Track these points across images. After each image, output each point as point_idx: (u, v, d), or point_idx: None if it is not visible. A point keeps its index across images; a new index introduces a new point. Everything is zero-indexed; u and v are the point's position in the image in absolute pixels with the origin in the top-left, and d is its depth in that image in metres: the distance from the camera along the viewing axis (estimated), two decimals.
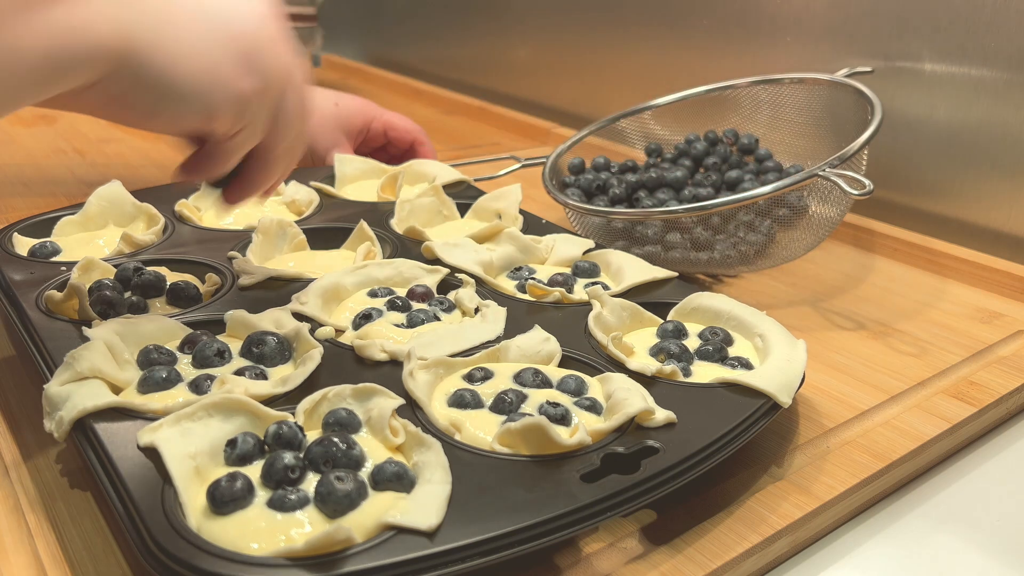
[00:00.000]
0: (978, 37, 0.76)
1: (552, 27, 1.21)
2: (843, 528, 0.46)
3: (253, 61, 0.44)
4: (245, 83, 0.44)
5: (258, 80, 0.45)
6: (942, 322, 0.65)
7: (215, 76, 0.43)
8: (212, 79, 0.43)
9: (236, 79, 0.44)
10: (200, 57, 0.43)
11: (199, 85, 0.43)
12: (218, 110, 0.44)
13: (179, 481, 0.37)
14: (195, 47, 0.42)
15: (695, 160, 0.81)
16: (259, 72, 0.45)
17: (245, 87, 0.44)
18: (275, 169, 0.51)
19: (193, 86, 0.43)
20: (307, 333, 0.49)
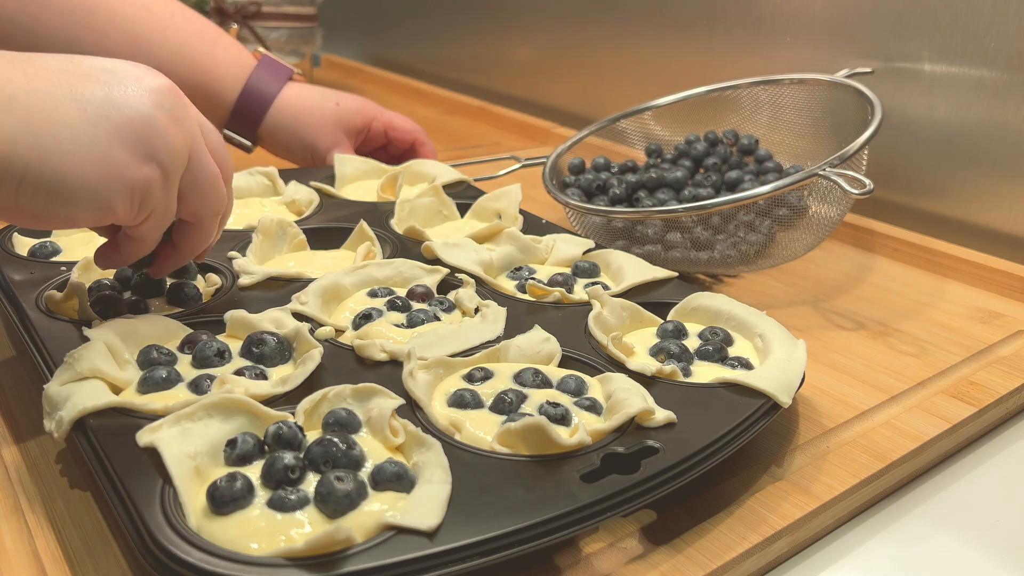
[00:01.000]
0: (978, 37, 0.76)
1: (552, 27, 1.21)
2: (843, 528, 0.46)
3: (147, 147, 0.42)
4: (140, 173, 0.42)
5: (154, 167, 0.43)
6: (942, 322, 0.65)
7: (106, 171, 0.41)
8: (103, 175, 0.41)
9: (130, 170, 0.42)
10: (87, 154, 0.40)
11: (89, 183, 0.41)
12: (114, 204, 0.42)
13: (179, 481, 0.37)
14: (80, 141, 0.40)
15: (695, 160, 0.81)
16: (155, 158, 0.43)
17: (140, 177, 0.42)
18: (203, 237, 0.50)
19: (83, 185, 0.40)
20: (307, 333, 0.49)
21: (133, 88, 0.43)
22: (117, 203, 0.42)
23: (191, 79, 0.80)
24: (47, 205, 0.40)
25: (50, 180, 0.40)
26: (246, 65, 0.83)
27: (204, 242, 0.50)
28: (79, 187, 0.40)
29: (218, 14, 1.23)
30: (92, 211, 0.42)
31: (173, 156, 0.44)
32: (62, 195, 0.40)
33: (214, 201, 0.48)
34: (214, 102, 0.82)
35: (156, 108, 0.43)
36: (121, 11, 0.76)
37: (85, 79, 0.42)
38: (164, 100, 0.44)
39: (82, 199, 0.41)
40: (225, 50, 0.82)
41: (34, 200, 0.40)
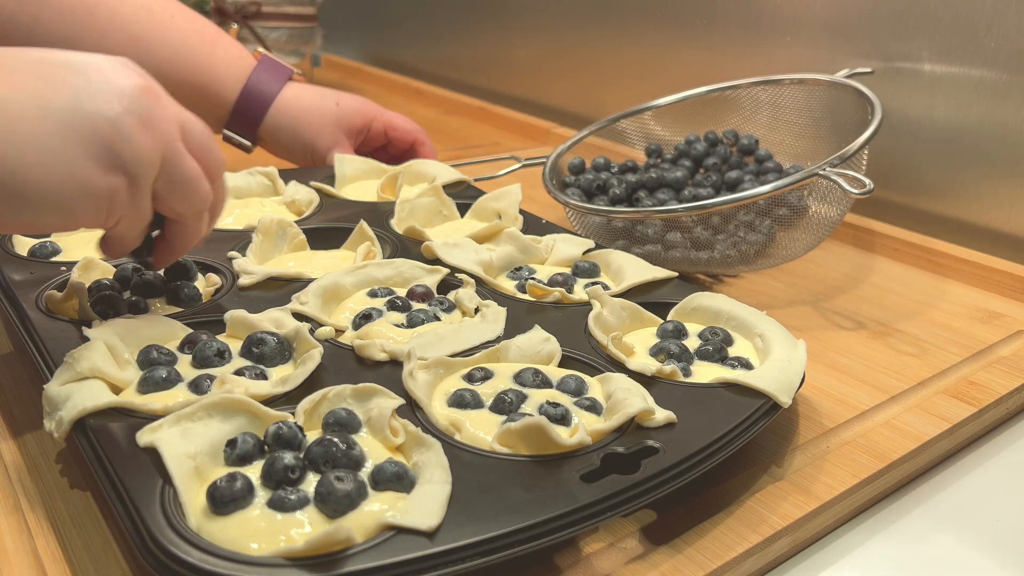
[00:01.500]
0: (978, 37, 0.76)
1: (552, 27, 1.21)
2: (843, 528, 0.46)
3: (113, 155, 0.42)
4: (105, 182, 0.42)
5: (120, 175, 0.42)
6: (942, 322, 0.65)
7: (70, 182, 0.41)
8: (66, 185, 0.41)
9: (94, 181, 0.41)
10: (49, 163, 0.40)
11: (52, 194, 0.40)
12: (78, 213, 0.42)
13: (179, 481, 0.37)
14: (42, 152, 0.40)
15: (695, 160, 0.81)
16: (121, 166, 0.42)
17: (104, 186, 0.42)
18: (194, 231, 0.49)
19: (46, 195, 0.40)
20: (307, 333, 0.49)
21: (103, 92, 0.42)
22: (81, 212, 0.42)
23: (191, 79, 0.80)
24: (10, 212, 0.40)
25: (13, 190, 0.39)
26: (246, 65, 0.83)
27: (194, 237, 0.50)
28: (41, 197, 0.40)
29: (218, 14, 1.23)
30: (56, 218, 0.42)
31: (141, 163, 0.43)
32: (24, 204, 0.40)
33: (194, 200, 0.47)
34: (214, 102, 0.82)
35: (125, 113, 0.42)
36: (121, 11, 0.76)
37: (54, 84, 0.41)
38: (134, 103, 0.43)
39: (44, 208, 0.41)
40: (225, 50, 0.82)
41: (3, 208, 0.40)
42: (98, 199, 0.42)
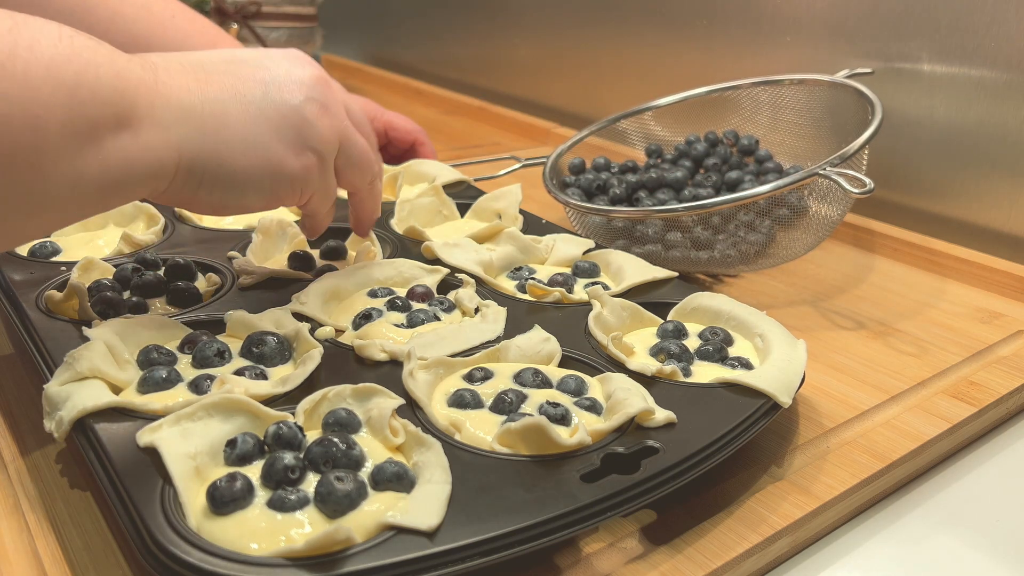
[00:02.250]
0: (978, 37, 0.76)
1: (552, 27, 1.21)
2: (843, 528, 0.46)
3: (304, 137, 0.47)
4: (298, 163, 0.47)
5: (310, 156, 0.48)
6: (942, 322, 0.65)
7: (268, 164, 0.46)
8: (267, 169, 0.46)
9: (289, 162, 0.47)
10: (252, 151, 0.45)
11: (255, 177, 0.46)
12: (279, 193, 0.48)
13: (179, 481, 0.37)
14: (246, 142, 0.45)
15: (695, 161, 0.81)
16: (309, 147, 0.47)
17: (299, 166, 0.47)
18: (369, 200, 0.56)
19: (251, 179, 0.46)
20: (307, 333, 0.49)
21: (286, 83, 0.47)
22: (281, 192, 0.48)
23: None
24: (223, 198, 0.46)
25: (225, 178, 0.45)
26: None
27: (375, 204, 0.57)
28: (248, 182, 0.45)
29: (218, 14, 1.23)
30: (261, 200, 0.47)
31: (325, 144, 0.48)
32: (235, 189, 0.45)
33: (368, 171, 0.53)
34: None
35: (307, 101, 0.47)
36: (121, 11, 0.76)
37: (246, 80, 0.46)
38: (313, 91, 0.48)
39: (251, 191, 0.46)
40: None
41: (212, 195, 0.45)
42: (294, 179, 0.47)
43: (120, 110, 0.40)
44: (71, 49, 0.38)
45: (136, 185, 0.42)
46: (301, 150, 0.47)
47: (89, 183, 0.39)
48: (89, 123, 0.38)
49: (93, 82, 0.39)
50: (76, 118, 0.38)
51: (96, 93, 0.39)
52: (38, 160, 0.37)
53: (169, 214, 0.68)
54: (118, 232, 0.65)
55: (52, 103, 0.37)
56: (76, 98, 0.38)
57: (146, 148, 0.41)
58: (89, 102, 0.38)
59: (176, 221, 0.68)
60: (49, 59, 0.37)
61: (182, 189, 0.44)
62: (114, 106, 0.39)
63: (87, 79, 0.38)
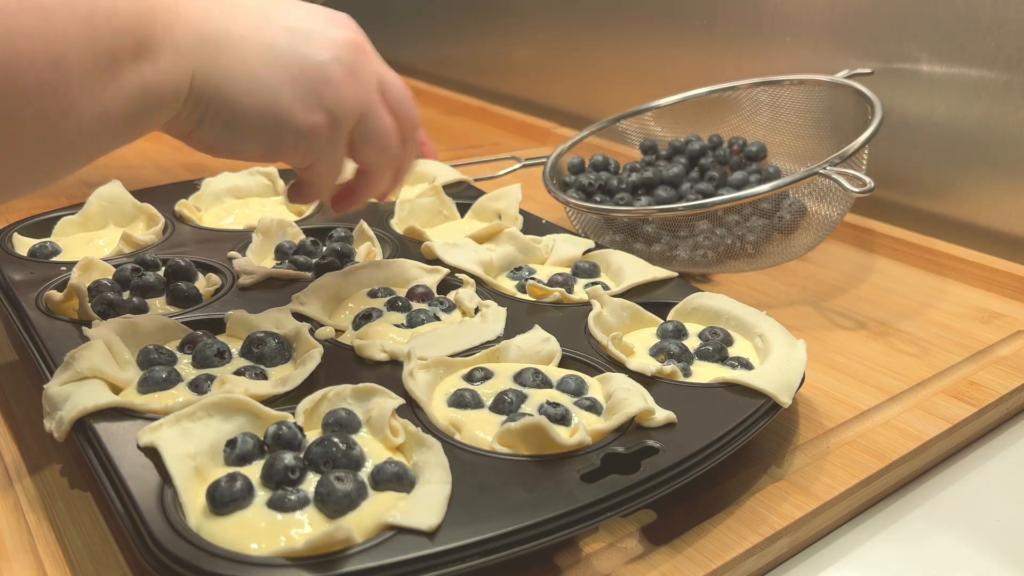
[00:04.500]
0: (978, 38, 0.76)
1: (552, 27, 1.21)
2: (843, 528, 0.46)
3: (320, 96, 0.44)
4: (308, 119, 0.44)
5: (323, 115, 0.45)
6: (942, 322, 0.65)
7: (274, 111, 0.44)
8: (271, 115, 0.44)
9: (296, 115, 0.44)
10: (261, 94, 0.43)
11: (256, 122, 0.43)
12: (278, 145, 0.45)
13: (179, 481, 0.37)
14: (258, 83, 0.43)
15: (690, 157, 0.82)
16: (325, 107, 0.45)
17: (306, 123, 0.44)
18: (377, 184, 0.51)
19: (250, 122, 0.43)
20: (307, 333, 0.49)
21: (317, 39, 0.45)
22: (282, 145, 0.45)
23: None
24: (221, 137, 0.44)
25: (226, 115, 0.43)
26: None
27: (376, 189, 0.52)
28: (248, 125, 0.43)
29: None
30: (259, 148, 0.45)
31: (342, 108, 0.45)
32: (234, 130, 0.43)
33: (385, 154, 0.49)
34: None
35: (333, 60, 0.45)
36: None
37: (275, 25, 0.44)
38: (343, 53, 0.45)
39: (250, 136, 0.44)
40: None
41: (212, 131, 0.43)
42: (298, 135, 0.45)
43: (139, 36, 0.38)
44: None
45: (156, 113, 0.41)
46: (313, 107, 0.44)
47: (113, 115, 0.38)
48: (109, 54, 0.37)
49: (111, 9, 0.37)
50: (96, 49, 0.37)
51: (113, 21, 0.38)
52: (62, 96, 0.36)
53: (169, 214, 0.68)
54: (118, 232, 0.65)
55: (71, 34, 0.36)
56: (94, 27, 0.37)
57: (164, 74, 0.40)
58: (107, 31, 0.37)
59: (176, 221, 0.68)
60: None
61: (186, 120, 0.43)
62: (133, 32, 0.38)
63: (104, 6, 0.37)
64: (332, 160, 0.47)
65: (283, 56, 0.44)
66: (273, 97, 0.43)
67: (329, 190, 0.50)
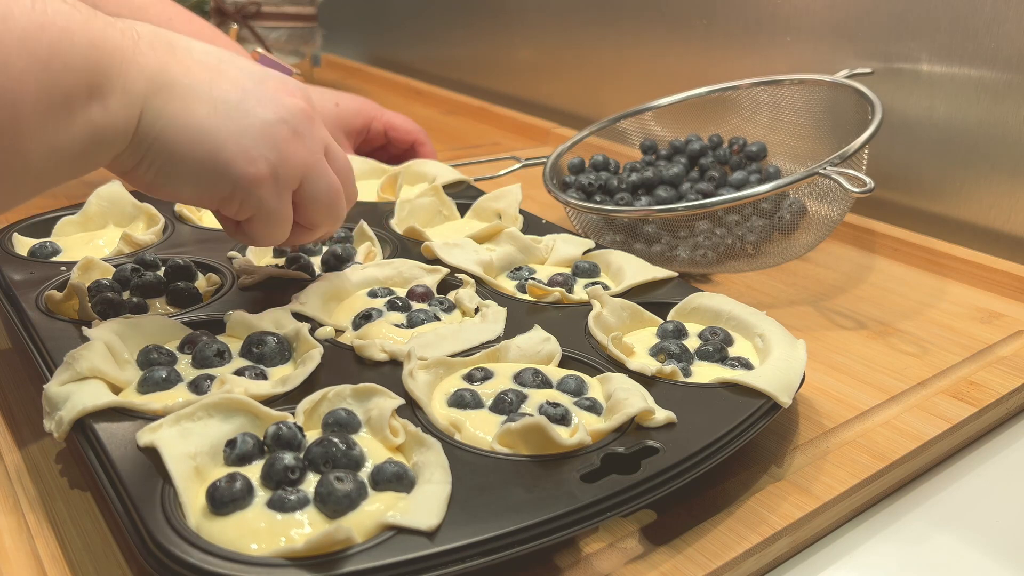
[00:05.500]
0: (978, 38, 0.76)
1: (552, 27, 1.21)
2: (843, 528, 0.46)
3: (260, 150, 0.45)
4: (247, 170, 0.45)
5: (264, 167, 0.45)
6: (942, 322, 0.65)
7: (214, 160, 0.44)
8: (210, 162, 0.44)
9: (236, 166, 0.44)
10: (202, 142, 0.44)
11: (194, 168, 0.44)
12: (213, 191, 0.45)
13: (179, 481, 0.37)
14: (200, 133, 0.43)
15: (690, 157, 0.82)
16: (268, 161, 0.45)
17: (246, 173, 0.45)
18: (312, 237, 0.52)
19: (188, 169, 0.44)
20: (307, 333, 0.49)
21: (267, 100, 0.46)
22: (217, 191, 0.45)
23: None
24: (156, 178, 0.44)
25: (164, 159, 0.43)
26: None
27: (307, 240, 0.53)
28: (185, 170, 0.44)
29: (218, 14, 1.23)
30: (194, 193, 0.45)
31: (284, 165, 0.46)
32: (168, 174, 0.44)
33: (333, 213, 0.51)
34: None
35: (279, 121, 0.46)
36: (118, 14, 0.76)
37: (228, 82, 0.45)
38: (290, 116, 0.47)
39: (185, 180, 0.45)
40: None
41: (148, 172, 0.44)
42: (235, 185, 0.45)
43: (93, 80, 0.39)
44: (45, 16, 0.37)
45: (100, 151, 0.41)
46: (254, 160, 0.45)
47: (61, 153, 0.39)
48: (62, 95, 0.38)
49: (67, 51, 0.38)
50: (50, 90, 0.37)
51: (69, 63, 0.38)
52: (14, 135, 0.37)
53: (169, 214, 0.68)
54: (118, 232, 0.65)
55: (26, 78, 0.36)
56: (49, 70, 0.37)
57: (112, 115, 0.40)
58: (62, 73, 0.38)
59: (176, 221, 0.68)
60: (22, 29, 0.36)
61: (125, 160, 0.43)
62: (87, 75, 0.39)
63: (61, 49, 0.38)
64: (271, 216, 0.47)
65: (231, 111, 0.45)
66: (214, 147, 0.44)
67: (267, 243, 0.50)
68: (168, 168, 0.44)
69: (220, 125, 0.44)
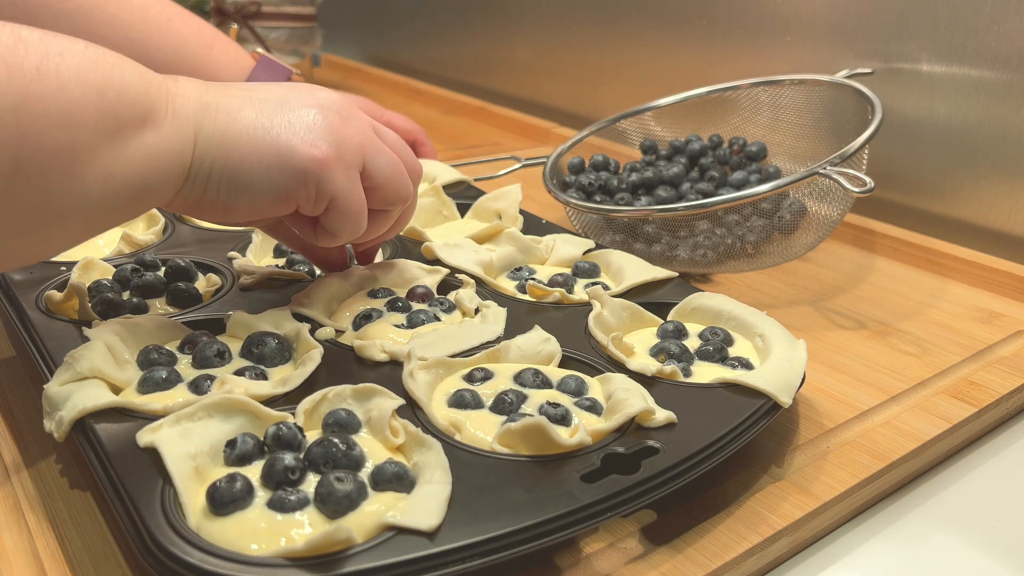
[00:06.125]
0: (978, 37, 0.76)
1: (552, 27, 1.21)
2: (843, 528, 0.46)
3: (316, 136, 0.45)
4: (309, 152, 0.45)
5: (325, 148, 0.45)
6: (942, 322, 0.65)
7: (277, 154, 0.44)
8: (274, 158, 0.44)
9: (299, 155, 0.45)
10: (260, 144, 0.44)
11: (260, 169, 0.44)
12: (288, 188, 0.45)
13: (179, 481, 0.37)
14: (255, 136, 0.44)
15: (690, 157, 0.82)
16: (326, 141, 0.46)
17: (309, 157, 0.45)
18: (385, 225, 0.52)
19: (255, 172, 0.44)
20: (307, 333, 0.49)
21: (305, 97, 0.47)
22: (291, 187, 0.45)
23: None
24: (229, 195, 0.45)
25: (230, 173, 0.44)
26: (244, 66, 0.83)
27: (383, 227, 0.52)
28: (253, 175, 0.44)
29: (218, 14, 1.23)
30: (269, 196, 0.45)
31: (344, 144, 0.46)
32: (239, 184, 0.44)
33: (401, 192, 0.50)
34: None
35: (325, 110, 0.47)
36: (118, 15, 0.76)
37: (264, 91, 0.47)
38: (333, 104, 0.48)
39: (257, 185, 0.44)
40: (223, 51, 0.82)
41: (219, 192, 0.44)
42: (306, 172, 0.45)
43: (144, 109, 0.41)
44: (97, 56, 0.40)
45: (158, 185, 0.42)
46: (313, 145, 0.45)
47: (118, 183, 0.40)
48: (118, 121, 0.40)
49: (120, 83, 0.40)
50: (106, 116, 0.39)
51: (122, 94, 0.40)
52: (73, 159, 0.38)
53: (169, 214, 0.68)
54: (118, 232, 0.65)
55: (84, 103, 0.38)
56: (105, 98, 0.39)
57: (166, 140, 0.42)
58: (116, 102, 0.40)
59: (176, 221, 0.68)
60: (78, 64, 0.39)
61: (192, 190, 0.44)
62: (139, 105, 0.41)
63: (114, 81, 0.40)
64: (347, 200, 0.47)
65: (277, 108, 0.46)
66: (273, 141, 0.44)
67: (351, 234, 0.49)
68: (236, 180, 0.44)
69: (271, 121, 0.45)
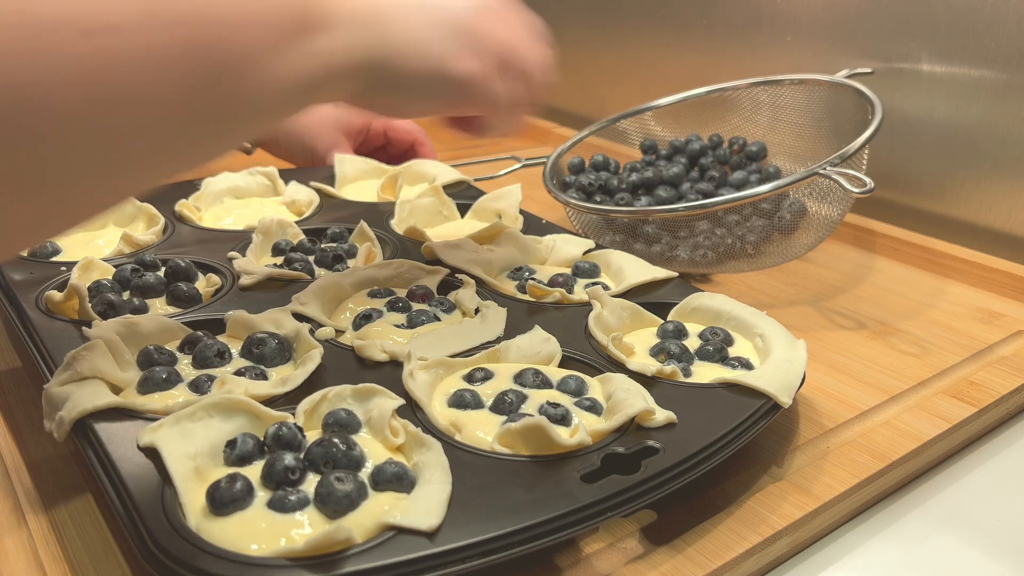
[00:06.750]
0: (978, 38, 0.76)
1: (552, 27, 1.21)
2: (843, 528, 0.46)
3: (473, 41, 0.47)
4: (465, 66, 0.47)
5: (478, 61, 0.48)
6: (942, 322, 0.65)
7: (435, 67, 0.46)
8: (434, 71, 0.46)
9: (457, 65, 0.47)
10: (418, 53, 0.46)
11: (422, 79, 0.46)
12: (449, 97, 0.48)
13: (179, 481, 0.37)
14: (413, 43, 0.46)
15: (690, 157, 0.82)
16: (479, 53, 0.48)
17: (465, 70, 0.47)
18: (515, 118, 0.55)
19: (417, 81, 0.46)
20: (307, 333, 0.49)
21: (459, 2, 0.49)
22: (451, 96, 0.48)
23: None
24: (397, 101, 0.47)
25: (396, 80, 0.45)
26: None
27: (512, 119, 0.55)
28: (416, 84, 0.46)
29: None
30: (432, 103, 0.48)
31: (502, 45, 0.49)
32: (405, 92, 0.46)
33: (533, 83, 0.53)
34: None
35: (479, 13, 0.48)
36: None
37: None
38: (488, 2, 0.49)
39: (420, 94, 0.47)
40: None
41: (389, 97, 0.46)
42: (462, 84, 0.47)
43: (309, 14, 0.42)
44: None
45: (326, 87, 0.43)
46: (469, 55, 0.47)
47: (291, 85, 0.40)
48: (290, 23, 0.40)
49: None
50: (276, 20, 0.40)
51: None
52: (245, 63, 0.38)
53: (169, 214, 0.68)
54: (118, 232, 0.65)
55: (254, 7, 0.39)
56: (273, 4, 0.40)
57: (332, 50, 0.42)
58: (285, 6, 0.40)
59: (176, 221, 0.68)
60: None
61: (363, 92, 0.45)
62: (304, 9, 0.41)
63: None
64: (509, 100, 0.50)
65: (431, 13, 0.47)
66: (430, 52, 0.46)
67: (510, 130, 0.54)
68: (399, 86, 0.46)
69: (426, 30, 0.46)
